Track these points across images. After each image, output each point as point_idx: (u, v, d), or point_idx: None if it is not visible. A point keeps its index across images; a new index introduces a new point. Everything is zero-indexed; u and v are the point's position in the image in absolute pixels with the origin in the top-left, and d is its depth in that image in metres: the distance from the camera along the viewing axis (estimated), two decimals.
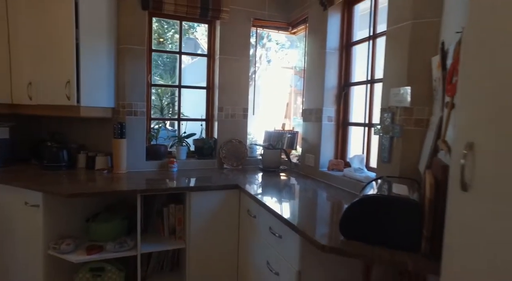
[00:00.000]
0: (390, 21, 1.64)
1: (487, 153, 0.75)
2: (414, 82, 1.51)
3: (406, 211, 1.08)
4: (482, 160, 0.76)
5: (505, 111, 0.69)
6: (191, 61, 5.52)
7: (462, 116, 0.85)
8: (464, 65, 0.84)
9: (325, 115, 2.29)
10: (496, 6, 0.72)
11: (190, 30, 5.34)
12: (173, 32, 5.60)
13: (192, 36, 5.55)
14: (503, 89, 0.69)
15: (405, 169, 1.55)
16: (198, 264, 2.04)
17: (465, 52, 0.84)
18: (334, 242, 1.19)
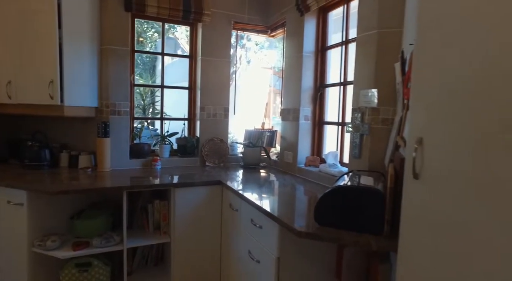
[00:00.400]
0: (359, 29, 1.80)
1: (433, 147, 0.90)
2: (381, 85, 1.68)
3: (371, 199, 1.24)
4: (429, 153, 0.92)
5: (447, 112, 0.85)
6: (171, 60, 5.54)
7: (414, 116, 1.00)
8: (415, 74, 0.99)
9: (302, 114, 2.44)
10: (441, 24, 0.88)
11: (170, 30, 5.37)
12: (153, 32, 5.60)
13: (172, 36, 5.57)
14: (445, 94, 0.85)
15: (374, 164, 1.72)
16: (182, 257, 2.13)
17: (415, 62, 1.00)
18: (310, 229, 1.33)
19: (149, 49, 6.12)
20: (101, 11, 2.36)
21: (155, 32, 5.61)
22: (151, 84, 2.77)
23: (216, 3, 2.66)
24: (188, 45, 2.83)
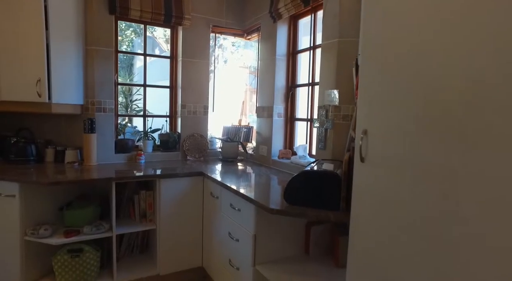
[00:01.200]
0: (323, 37, 2.07)
1: (375, 136, 1.18)
2: (341, 86, 1.96)
3: (330, 181, 1.51)
4: (372, 141, 1.19)
5: (384, 108, 1.12)
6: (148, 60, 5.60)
7: (360, 112, 1.27)
8: (360, 78, 1.26)
9: (275, 112, 2.69)
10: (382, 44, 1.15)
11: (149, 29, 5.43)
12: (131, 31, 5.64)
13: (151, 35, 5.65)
14: (383, 95, 1.12)
15: (336, 154, 2.00)
16: (167, 242, 2.32)
17: (361, 70, 1.27)
18: (280, 207, 1.58)
19: (126, 48, 6.16)
20: (86, 13, 2.49)
21: (133, 31, 5.66)
22: (134, 83, 2.88)
23: (196, 8, 2.85)
24: (166, 45, 2.99)
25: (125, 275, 2.26)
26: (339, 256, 1.76)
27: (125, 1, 2.51)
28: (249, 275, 1.79)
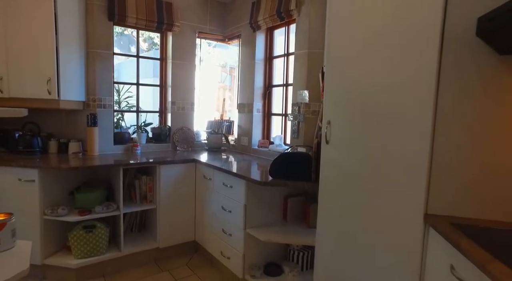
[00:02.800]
0: (296, 48, 2.58)
1: (335, 125, 1.69)
2: (310, 87, 2.47)
3: (303, 159, 2.02)
4: (333, 128, 1.70)
5: (341, 105, 1.64)
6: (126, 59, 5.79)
7: (325, 108, 1.78)
8: (326, 83, 1.78)
9: (255, 108, 3.17)
10: (339, 59, 1.66)
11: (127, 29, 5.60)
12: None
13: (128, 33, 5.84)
14: (340, 96, 1.64)
15: (307, 140, 2.52)
16: (166, 219, 2.73)
17: (326, 77, 1.78)
18: (267, 180, 2.06)
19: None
20: (88, 20, 2.79)
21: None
22: (129, 82, 3.14)
23: (184, 16, 3.23)
24: (144, 43, 3.34)
25: (130, 248, 2.64)
26: (310, 219, 2.28)
27: (123, 9, 2.84)
28: (241, 237, 2.26)
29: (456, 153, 1.29)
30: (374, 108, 1.48)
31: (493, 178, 1.26)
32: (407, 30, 1.36)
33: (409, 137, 1.36)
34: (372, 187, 1.50)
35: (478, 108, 1.26)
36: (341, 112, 1.67)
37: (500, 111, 1.24)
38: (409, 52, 1.35)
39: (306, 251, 2.34)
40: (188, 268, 2.68)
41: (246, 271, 2.28)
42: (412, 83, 1.34)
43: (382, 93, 1.45)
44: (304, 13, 2.50)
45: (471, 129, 1.27)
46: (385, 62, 1.44)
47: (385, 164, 1.44)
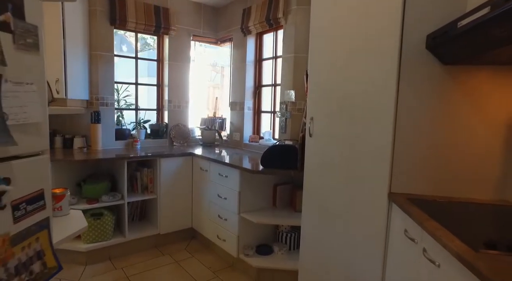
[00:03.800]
0: (283, 52, 2.87)
1: (317, 121, 2.00)
2: (296, 88, 2.77)
3: (290, 151, 2.32)
4: (316, 123, 2.01)
5: (321, 103, 1.94)
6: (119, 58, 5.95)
7: (308, 106, 2.08)
8: (309, 85, 2.07)
9: (246, 106, 3.45)
10: (319, 65, 1.97)
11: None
12: None
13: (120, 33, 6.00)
14: (320, 95, 1.94)
15: (293, 135, 2.82)
16: (165, 208, 2.99)
17: (309, 79, 2.08)
18: (258, 169, 2.36)
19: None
20: (91, 24, 3.01)
21: None
22: (128, 82, 3.34)
23: (179, 21, 3.48)
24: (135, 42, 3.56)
25: (134, 234, 2.89)
26: (296, 204, 2.59)
27: (124, 15, 3.07)
28: (235, 221, 2.55)
29: (411, 144, 1.61)
30: (349, 107, 1.79)
31: (439, 162, 1.59)
32: (374, 43, 1.67)
33: (376, 130, 1.67)
34: (348, 172, 1.81)
35: (428, 106, 1.58)
36: (322, 110, 1.97)
37: (445, 108, 1.57)
38: (376, 61, 1.67)
39: (293, 233, 2.65)
40: (187, 252, 2.95)
41: (240, 251, 2.57)
42: (379, 86, 1.66)
43: (355, 95, 1.76)
44: (290, 21, 2.79)
45: (423, 123, 1.60)
46: (358, 69, 1.75)
47: (358, 153, 1.76)
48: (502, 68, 1.50)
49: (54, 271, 0.79)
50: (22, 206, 0.71)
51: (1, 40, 0.64)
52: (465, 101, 1.55)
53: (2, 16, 0.64)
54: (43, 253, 0.76)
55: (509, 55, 1.29)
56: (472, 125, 1.55)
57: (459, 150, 1.58)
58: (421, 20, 1.55)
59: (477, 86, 1.53)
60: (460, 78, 1.55)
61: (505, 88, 1.51)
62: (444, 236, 1.07)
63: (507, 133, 1.52)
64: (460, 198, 1.56)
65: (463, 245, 0.98)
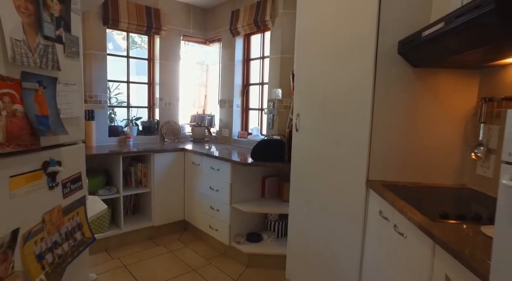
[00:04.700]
0: (270, 52, 3.06)
1: (302, 116, 2.20)
2: (283, 86, 2.97)
3: (278, 145, 2.51)
4: (302, 119, 2.21)
5: (306, 102, 2.15)
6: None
7: (295, 104, 2.28)
8: (295, 84, 2.27)
9: (235, 103, 3.62)
10: (305, 67, 2.17)
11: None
12: None
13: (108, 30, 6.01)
14: (305, 94, 2.15)
15: (280, 130, 3.02)
16: (159, 201, 3.13)
17: (295, 79, 2.27)
18: (249, 161, 2.54)
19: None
20: (85, 24, 3.09)
21: None
22: (120, 80, 3.42)
23: (170, 21, 3.60)
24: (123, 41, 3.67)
25: (129, 227, 3.01)
26: (284, 195, 2.79)
27: (116, 15, 3.17)
28: (227, 211, 2.73)
29: (386, 137, 1.84)
30: (332, 104, 2.00)
31: (409, 153, 1.82)
32: (353, 48, 1.88)
33: (356, 126, 1.89)
34: (331, 163, 2.03)
35: (400, 104, 1.81)
36: (307, 107, 2.17)
37: (414, 105, 1.80)
38: (355, 63, 1.88)
39: (281, 221, 2.85)
40: (180, 242, 3.11)
41: (232, 239, 2.75)
42: (357, 86, 1.87)
43: (337, 93, 1.97)
44: (277, 24, 2.98)
45: (395, 119, 1.82)
46: (339, 70, 1.96)
47: (339, 146, 1.97)
48: (459, 72, 1.74)
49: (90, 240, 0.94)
50: (68, 185, 0.86)
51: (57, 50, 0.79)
52: (431, 99, 1.79)
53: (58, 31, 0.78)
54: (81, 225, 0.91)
55: (463, 61, 1.52)
56: (436, 120, 1.79)
57: (426, 142, 1.81)
58: (394, 28, 1.77)
59: (440, 86, 1.77)
60: (426, 79, 1.78)
61: (462, 88, 1.75)
62: (409, 211, 1.29)
63: (464, 127, 1.77)
64: (426, 183, 1.80)
65: (423, 217, 1.20)
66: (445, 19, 1.20)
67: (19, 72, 0.70)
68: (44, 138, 0.76)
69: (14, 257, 0.69)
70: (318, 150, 2.10)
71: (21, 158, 0.71)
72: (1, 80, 0.65)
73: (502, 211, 0.73)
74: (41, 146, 0.74)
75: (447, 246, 0.97)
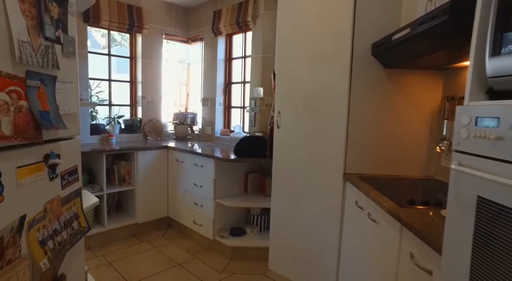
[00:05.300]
0: (252, 52, 3.15)
1: (283, 114, 2.31)
2: (264, 85, 3.07)
3: (260, 141, 2.61)
4: (283, 117, 2.32)
5: (286, 99, 2.26)
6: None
7: (276, 102, 2.38)
8: (276, 83, 2.38)
9: (217, 101, 3.69)
10: (285, 67, 2.27)
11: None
12: None
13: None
14: (286, 92, 2.26)
15: (262, 128, 3.12)
16: (143, 198, 3.16)
17: (276, 78, 2.38)
18: (232, 157, 2.63)
19: None
20: None
21: None
22: (102, 78, 3.40)
23: (152, 20, 3.62)
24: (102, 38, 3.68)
25: (112, 224, 3.03)
26: (266, 190, 2.89)
27: (98, 12, 3.16)
28: (211, 206, 2.80)
29: (361, 133, 1.98)
30: (311, 102, 2.12)
31: (382, 148, 1.97)
32: (330, 50, 2.01)
33: (333, 123, 2.01)
34: (310, 158, 2.14)
35: (373, 102, 1.95)
36: (288, 105, 2.28)
37: (386, 103, 1.94)
38: (333, 64, 2.00)
39: (263, 216, 2.95)
40: (165, 239, 3.15)
41: (216, 233, 2.83)
42: (335, 85, 1.99)
43: (316, 92, 2.09)
44: (259, 24, 3.07)
45: (370, 116, 1.96)
46: (318, 70, 2.07)
47: (319, 141, 2.09)
48: (426, 73, 1.90)
49: (86, 229, 1.00)
50: (66, 177, 0.91)
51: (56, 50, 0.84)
52: (401, 98, 1.94)
53: (57, 33, 0.84)
54: (78, 215, 0.96)
55: (429, 63, 1.68)
56: (406, 117, 1.94)
57: (397, 138, 1.97)
58: (368, 31, 1.91)
59: (409, 86, 1.92)
60: (397, 79, 1.93)
61: (428, 88, 1.91)
62: (381, 199, 1.42)
63: (430, 123, 1.93)
64: (398, 175, 1.95)
65: (393, 204, 1.34)
66: (410, 25, 1.34)
67: (24, 71, 0.75)
68: (45, 132, 0.81)
69: (21, 242, 0.75)
70: (298, 146, 2.21)
71: (26, 151, 0.77)
72: (9, 78, 0.70)
73: (452, 192, 0.85)
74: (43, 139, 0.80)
75: (411, 227, 1.10)
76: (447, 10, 1.03)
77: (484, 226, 0.72)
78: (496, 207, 0.68)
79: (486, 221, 0.71)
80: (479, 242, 0.74)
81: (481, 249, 0.73)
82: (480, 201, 0.74)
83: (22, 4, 0.74)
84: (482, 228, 0.73)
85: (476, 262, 0.74)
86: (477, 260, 0.74)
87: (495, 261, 0.68)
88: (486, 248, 0.71)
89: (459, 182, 0.82)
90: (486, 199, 0.72)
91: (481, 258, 0.73)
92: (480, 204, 0.74)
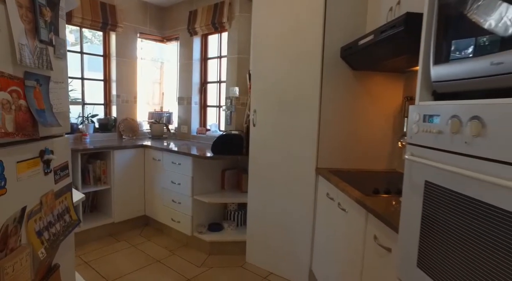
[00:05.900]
0: (228, 52, 3.24)
1: (259, 112, 2.42)
2: (240, 85, 3.17)
3: (237, 139, 2.71)
4: (258, 115, 2.43)
5: (262, 98, 2.37)
6: None
7: (252, 100, 2.49)
8: (252, 83, 2.49)
9: (193, 100, 3.74)
10: (260, 67, 2.39)
11: None
12: None
13: None
14: (261, 91, 2.37)
15: (238, 126, 3.22)
16: (119, 198, 3.15)
17: (252, 78, 2.49)
18: (209, 155, 2.71)
19: None
20: None
21: None
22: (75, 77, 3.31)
23: (126, 18, 3.60)
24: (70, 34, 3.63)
25: (88, 224, 3.00)
26: (242, 186, 2.99)
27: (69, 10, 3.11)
28: (189, 203, 2.86)
29: (332, 131, 2.13)
30: (285, 101, 2.24)
31: (351, 144, 2.14)
32: (303, 52, 2.14)
33: (306, 121, 2.15)
34: (285, 154, 2.27)
35: (342, 102, 2.11)
36: (264, 104, 2.40)
37: (354, 104, 2.11)
38: (304, 65, 2.14)
39: (240, 211, 3.05)
40: (142, 237, 3.17)
41: (194, 229, 2.89)
42: (307, 86, 2.13)
43: (290, 91, 2.22)
44: (234, 26, 3.16)
45: (339, 115, 2.12)
46: (292, 71, 2.20)
47: (293, 138, 2.22)
48: (389, 75, 2.08)
49: (76, 222, 1.04)
50: (58, 172, 0.96)
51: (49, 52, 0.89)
52: (367, 98, 2.11)
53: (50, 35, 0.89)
54: (69, 209, 1.01)
55: (391, 66, 1.86)
56: (372, 115, 2.12)
57: (364, 134, 2.14)
58: (337, 35, 2.06)
59: (374, 87, 2.10)
60: (363, 81, 2.10)
61: (391, 89, 2.10)
62: (349, 190, 1.57)
63: (393, 121, 2.13)
64: (365, 168, 2.13)
65: (360, 193, 1.49)
66: (374, 32, 1.49)
67: (22, 72, 0.80)
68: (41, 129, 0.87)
69: (21, 232, 0.80)
70: (273, 143, 2.33)
71: (24, 147, 0.82)
72: (10, 79, 0.76)
73: (406, 179, 1.00)
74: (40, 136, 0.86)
75: (375, 212, 1.25)
76: (402, 22, 1.18)
77: (429, 205, 0.87)
78: (439, 189, 0.83)
79: (431, 201, 0.86)
80: (426, 219, 0.89)
81: (427, 225, 0.88)
82: (427, 185, 0.89)
83: (20, 9, 0.79)
84: (428, 207, 0.88)
85: (424, 236, 0.89)
86: (424, 234, 0.89)
87: (438, 235, 0.83)
88: (431, 224, 0.86)
89: (411, 170, 0.97)
90: (431, 183, 0.87)
91: (427, 233, 0.87)
92: (427, 187, 0.89)
